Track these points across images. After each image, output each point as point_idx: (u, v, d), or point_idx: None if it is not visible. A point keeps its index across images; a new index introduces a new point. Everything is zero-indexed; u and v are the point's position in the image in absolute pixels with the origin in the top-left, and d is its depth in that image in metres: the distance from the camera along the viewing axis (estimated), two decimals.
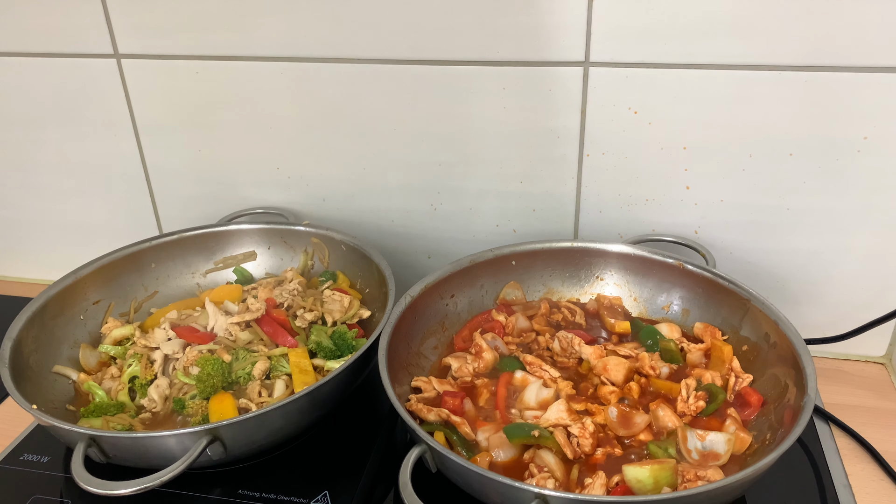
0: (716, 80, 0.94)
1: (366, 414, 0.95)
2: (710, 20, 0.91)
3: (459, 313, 1.02)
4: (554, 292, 1.07)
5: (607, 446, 0.81)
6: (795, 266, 1.03)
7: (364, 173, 1.11)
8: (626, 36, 0.94)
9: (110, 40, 1.10)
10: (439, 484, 0.76)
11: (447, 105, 1.03)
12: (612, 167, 1.03)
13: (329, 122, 1.09)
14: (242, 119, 1.11)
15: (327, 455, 0.88)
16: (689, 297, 1.00)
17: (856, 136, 0.93)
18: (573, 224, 1.09)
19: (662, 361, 0.92)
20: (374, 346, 0.87)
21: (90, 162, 1.20)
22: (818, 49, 0.90)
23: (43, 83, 1.15)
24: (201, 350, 0.95)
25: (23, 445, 0.92)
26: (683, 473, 0.76)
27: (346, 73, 1.04)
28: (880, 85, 0.90)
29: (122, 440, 0.78)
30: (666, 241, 1.05)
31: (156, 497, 0.80)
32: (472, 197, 1.10)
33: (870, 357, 1.06)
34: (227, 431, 0.77)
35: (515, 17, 0.96)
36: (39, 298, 0.97)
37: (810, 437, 0.92)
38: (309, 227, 1.11)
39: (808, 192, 0.98)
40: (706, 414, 0.86)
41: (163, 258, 1.10)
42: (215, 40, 1.06)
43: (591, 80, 0.98)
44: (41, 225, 1.28)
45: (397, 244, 1.16)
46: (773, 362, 0.88)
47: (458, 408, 0.86)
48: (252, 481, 0.84)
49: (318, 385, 0.81)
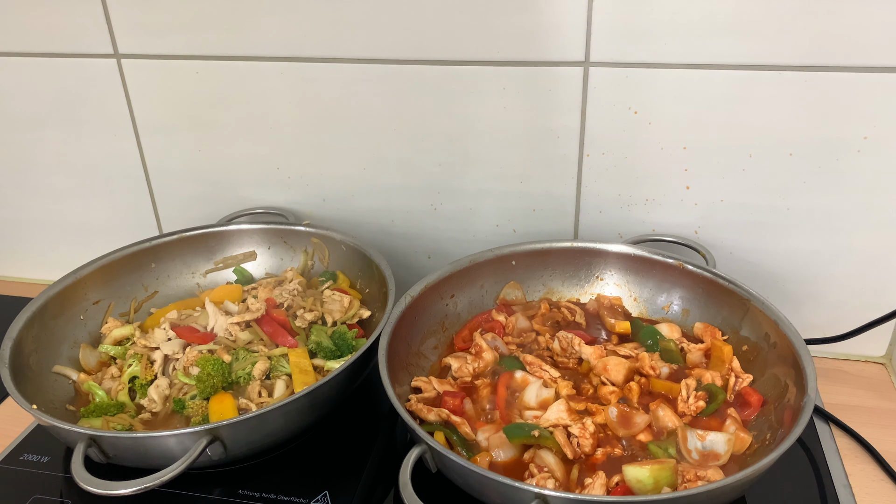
0: (716, 80, 0.94)
1: (366, 414, 0.95)
2: (710, 20, 0.91)
3: (459, 313, 1.02)
4: (554, 292, 1.07)
5: (607, 446, 0.82)
6: (795, 266, 1.03)
7: (364, 173, 1.12)
8: (626, 36, 0.94)
9: (110, 40, 1.10)
10: (439, 484, 0.76)
11: (447, 105, 1.03)
12: (612, 167, 1.03)
13: (329, 122, 1.09)
14: (242, 119, 1.11)
15: (327, 455, 0.88)
16: (689, 297, 1.00)
17: (856, 136, 0.93)
18: (573, 224, 1.09)
19: (662, 361, 0.92)
20: (374, 346, 0.87)
21: (90, 162, 1.20)
22: (818, 49, 0.90)
23: (43, 83, 1.15)
24: (201, 350, 0.95)
25: (23, 445, 0.92)
26: (683, 473, 0.76)
27: (346, 73, 1.04)
28: (880, 85, 0.90)
29: (122, 440, 0.78)
30: (666, 241, 1.05)
31: (156, 497, 0.80)
32: (472, 197, 1.10)
33: (870, 357, 1.06)
34: (227, 431, 0.77)
35: (515, 17, 0.96)
36: (39, 298, 0.97)
37: (810, 437, 0.92)
38: (309, 227, 1.11)
39: (808, 192, 0.98)
40: (706, 414, 0.86)
41: (163, 258, 1.10)
42: (215, 40, 1.06)
43: (591, 80, 0.98)
44: (41, 225, 1.28)
45: (397, 244, 1.16)
46: (773, 362, 0.88)
47: (458, 408, 0.86)
48: (252, 481, 0.84)
49: (318, 385, 0.81)
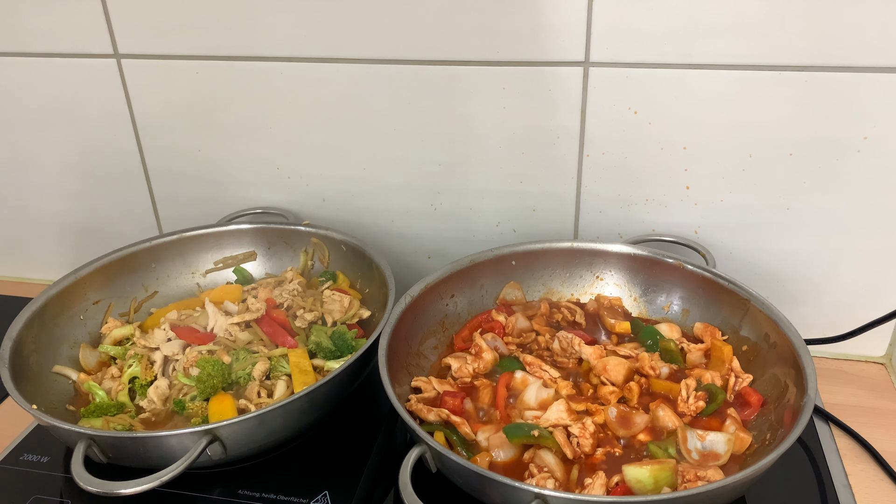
0: (716, 80, 0.94)
1: (366, 414, 0.95)
2: (710, 20, 0.91)
3: (459, 313, 1.02)
4: (554, 292, 1.06)
5: (607, 446, 0.82)
6: (795, 266, 1.03)
7: (364, 173, 1.11)
8: (626, 36, 0.94)
9: (110, 40, 1.10)
10: (439, 484, 0.76)
11: (447, 105, 1.03)
12: (612, 167, 1.03)
13: (329, 122, 1.09)
14: (242, 119, 1.11)
15: (327, 455, 0.88)
16: (689, 297, 1.00)
17: (856, 136, 0.93)
18: (573, 224, 1.09)
19: (662, 361, 0.92)
20: (374, 346, 0.87)
21: (90, 162, 1.20)
22: (818, 49, 0.90)
23: (43, 83, 1.15)
24: (201, 351, 0.95)
25: (23, 445, 0.92)
26: (683, 473, 0.76)
27: (346, 73, 1.04)
28: (880, 85, 0.90)
29: (122, 440, 0.78)
30: (666, 241, 1.05)
31: (156, 497, 0.80)
32: (472, 197, 1.10)
33: (870, 357, 1.06)
34: (226, 431, 0.77)
35: (515, 17, 0.96)
36: (39, 298, 0.97)
37: (810, 437, 0.92)
38: (309, 227, 1.11)
39: (809, 192, 0.98)
40: (706, 414, 0.86)
41: (163, 258, 1.10)
42: (215, 40, 1.06)
43: (591, 80, 0.98)
44: (41, 225, 1.28)
45: (397, 244, 1.16)
46: (773, 362, 0.88)
47: (458, 408, 0.86)
48: (252, 481, 0.84)
49: (318, 385, 0.81)
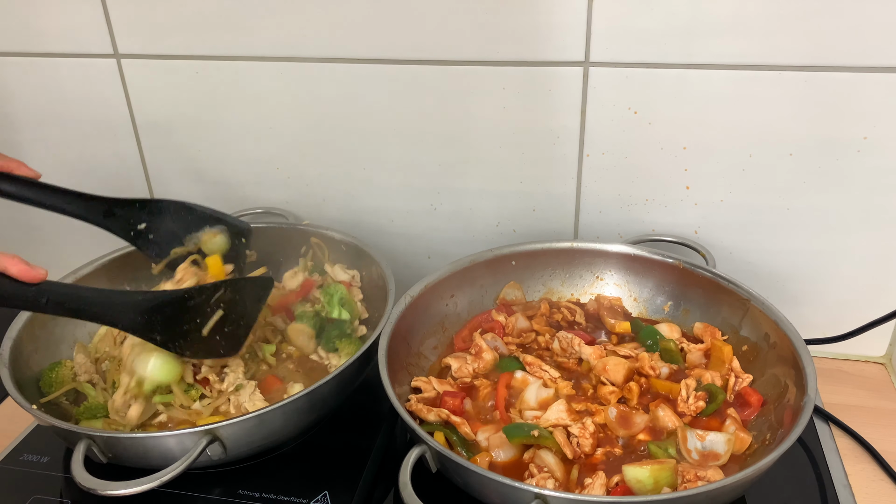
0: (716, 80, 0.94)
1: (366, 414, 0.95)
2: (710, 20, 0.91)
3: (459, 313, 1.02)
4: (554, 292, 1.06)
5: (607, 446, 0.82)
6: (795, 266, 1.03)
7: (364, 173, 1.11)
8: (626, 36, 0.94)
9: (110, 40, 1.10)
10: (439, 484, 0.76)
11: (447, 105, 1.03)
12: (612, 167, 1.03)
13: (329, 122, 1.09)
14: (242, 119, 1.11)
15: (327, 455, 0.88)
16: (688, 297, 1.00)
17: (856, 136, 0.93)
18: (573, 224, 1.09)
19: (662, 361, 0.92)
20: (374, 346, 0.87)
21: (90, 162, 1.20)
22: (818, 49, 0.90)
23: (43, 83, 1.15)
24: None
25: (23, 445, 0.92)
26: (683, 473, 0.76)
27: (346, 73, 1.04)
28: (880, 85, 0.90)
29: (122, 440, 0.78)
30: (666, 241, 1.05)
31: (156, 497, 0.80)
32: (472, 197, 1.10)
33: (870, 357, 1.06)
34: (226, 431, 0.77)
35: (515, 17, 0.96)
36: None
37: (810, 437, 0.92)
38: (309, 227, 1.11)
39: (809, 192, 0.98)
40: (706, 414, 0.86)
41: None
42: (215, 40, 1.06)
43: (591, 80, 0.98)
44: (41, 225, 1.28)
45: (397, 244, 1.16)
46: (773, 362, 0.88)
47: (458, 408, 0.86)
48: (252, 481, 0.84)
49: (318, 385, 0.81)
